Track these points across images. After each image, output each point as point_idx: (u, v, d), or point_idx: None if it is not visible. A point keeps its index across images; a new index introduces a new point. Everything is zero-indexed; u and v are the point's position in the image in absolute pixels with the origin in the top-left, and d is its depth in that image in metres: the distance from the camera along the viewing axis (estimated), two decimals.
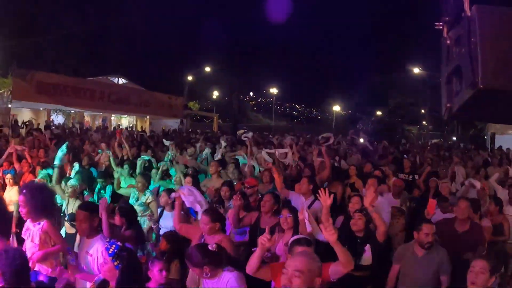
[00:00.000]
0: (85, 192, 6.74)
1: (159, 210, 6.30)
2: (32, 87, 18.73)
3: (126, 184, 7.81)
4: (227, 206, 6.08)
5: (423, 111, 33.48)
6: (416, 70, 26.92)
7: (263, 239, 3.43)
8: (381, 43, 47.00)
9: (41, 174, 7.48)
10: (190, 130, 25.98)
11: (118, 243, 3.37)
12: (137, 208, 6.29)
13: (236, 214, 5.27)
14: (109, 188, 7.55)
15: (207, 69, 40.38)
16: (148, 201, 6.51)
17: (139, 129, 26.33)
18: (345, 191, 8.03)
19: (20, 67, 18.62)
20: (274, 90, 53.68)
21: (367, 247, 4.67)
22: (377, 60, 42.08)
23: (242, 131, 32.85)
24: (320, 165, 7.88)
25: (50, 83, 19.71)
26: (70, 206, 6.20)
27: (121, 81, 27.69)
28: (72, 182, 6.28)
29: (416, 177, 9.43)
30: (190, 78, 39.04)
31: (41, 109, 21.98)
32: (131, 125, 28.61)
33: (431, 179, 8.29)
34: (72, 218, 5.87)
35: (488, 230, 5.85)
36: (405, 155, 13.23)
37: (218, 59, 40.19)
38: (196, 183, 6.68)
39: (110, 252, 3.27)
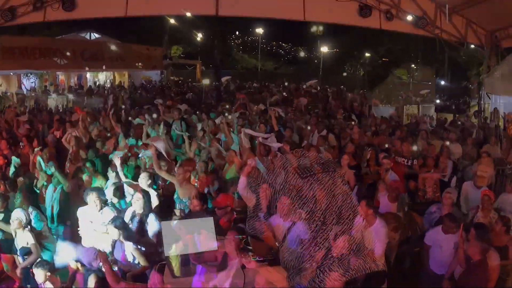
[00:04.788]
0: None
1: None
2: None
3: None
4: None
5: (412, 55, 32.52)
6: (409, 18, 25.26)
7: None
8: None
9: None
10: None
11: None
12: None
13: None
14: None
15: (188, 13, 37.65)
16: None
17: (117, 83, 25.09)
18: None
19: None
20: (260, 30, 50.88)
21: None
22: None
23: (225, 78, 31.60)
24: None
25: (16, 46, 18.23)
26: (20, 239, 5.36)
27: (94, 36, 25.79)
28: (16, 214, 5.34)
29: (415, 161, 8.16)
30: (172, 21, 36.53)
31: (11, 74, 20.50)
32: (109, 80, 27.15)
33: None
34: (24, 252, 5.28)
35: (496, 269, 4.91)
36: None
37: None
38: (148, 201, 5.66)
39: None
